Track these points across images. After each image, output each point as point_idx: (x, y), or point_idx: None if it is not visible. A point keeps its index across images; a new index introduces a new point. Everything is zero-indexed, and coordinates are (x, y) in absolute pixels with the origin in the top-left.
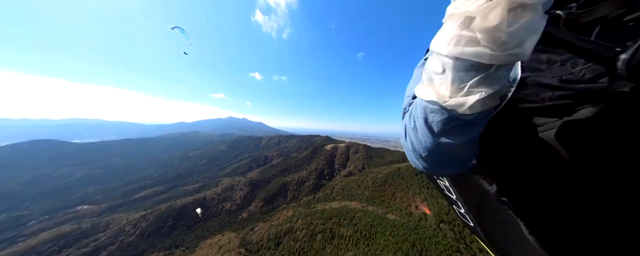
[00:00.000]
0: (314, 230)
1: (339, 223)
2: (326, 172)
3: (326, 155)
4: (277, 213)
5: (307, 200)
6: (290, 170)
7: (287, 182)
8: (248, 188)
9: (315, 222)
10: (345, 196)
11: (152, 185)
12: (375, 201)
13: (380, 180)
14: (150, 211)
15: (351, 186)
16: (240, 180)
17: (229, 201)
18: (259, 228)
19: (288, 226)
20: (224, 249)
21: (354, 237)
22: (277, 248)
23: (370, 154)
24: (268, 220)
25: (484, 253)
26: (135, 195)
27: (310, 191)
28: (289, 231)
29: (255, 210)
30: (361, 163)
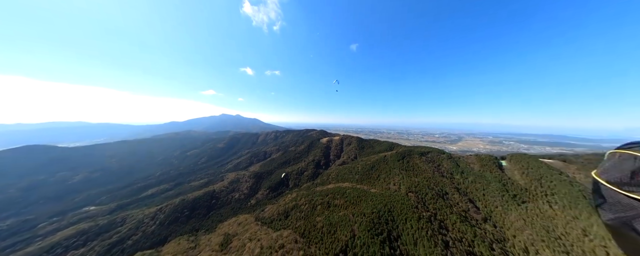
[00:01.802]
0: (314, 204)
1: (334, 197)
2: (322, 162)
3: (322, 148)
4: (282, 198)
5: (307, 186)
6: (290, 162)
7: (288, 172)
8: (253, 180)
9: (316, 199)
10: (339, 180)
11: (157, 184)
12: (363, 181)
13: (369, 166)
14: (165, 205)
15: (344, 172)
16: (244, 173)
17: (237, 192)
18: (268, 209)
19: (293, 204)
20: (242, 225)
21: (345, 205)
22: (286, 218)
23: (362, 145)
24: (275, 203)
25: (439, 211)
26: (143, 194)
27: (309, 179)
28: (294, 207)
29: (262, 197)
30: (354, 154)
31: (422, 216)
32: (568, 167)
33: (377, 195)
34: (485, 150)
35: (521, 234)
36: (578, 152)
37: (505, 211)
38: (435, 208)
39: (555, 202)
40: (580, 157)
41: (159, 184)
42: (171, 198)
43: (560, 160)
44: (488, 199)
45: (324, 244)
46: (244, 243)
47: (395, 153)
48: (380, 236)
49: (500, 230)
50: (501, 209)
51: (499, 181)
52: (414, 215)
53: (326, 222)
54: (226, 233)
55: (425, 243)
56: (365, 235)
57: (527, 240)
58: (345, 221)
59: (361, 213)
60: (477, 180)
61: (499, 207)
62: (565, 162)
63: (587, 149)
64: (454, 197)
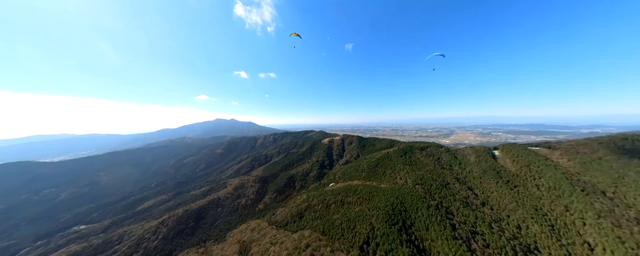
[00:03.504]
0: (328, 202)
1: (346, 195)
2: (326, 162)
3: (324, 148)
4: (291, 200)
5: (315, 186)
6: (294, 164)
7: (293, 175)
8: (258, 184)
9: (328, 198)
10: (346, 179)
11: (154, 195)
12: (371, 178)
13: (374, 163)
14: (167, 217)
15: (351, 171)
16: (248, 178)
17: (243, 198)
18: (279, 212)
19: (306, 205)
20: (255, 230)
21: (358, 201)
22: (300, 220)
23: (363, 143)
24: (285, 206)
25: (444, 199)
26: (139, 207)
27: (315, 179)
28: (307, 208)
29: (270, 201)
30: (356, 152)
31: (430, 204)
32: (552, 153)
33: (387, 190)
34: (477, 142)
35: (514, 214)
36: (560, 139)
37: (500, 195)
38: (440, 197)
39: (542, 185)
40: (562, 143)
41: (156, 195)
42: (172, 209)
43: (545, 147)
44: (485, 186)
45: (346, 238)
46: (266, 248)
47: (397, 150)
48: (397, 226)
49: (496, 211)
50: (496, 194)
51: (493, 169)
52: (423, 204)
53: (344, 218)
54: (240, 241)
55: (435, 227)
56: (384, 226)
57: (519, 218)
58: (363, 216)
59: (376, 207)
60: (474, 170)
61: (495, 193)
62: (550, 149)
63: (568, 136)
64: (455, 186)
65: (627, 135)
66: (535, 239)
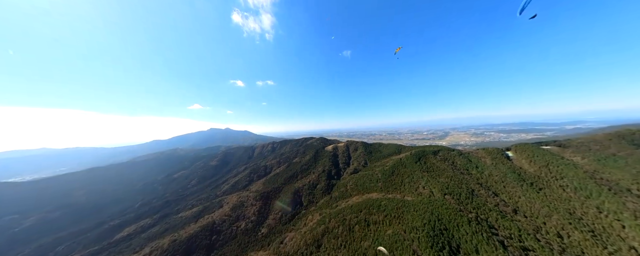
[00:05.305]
0: (350, 224)
1: (369, 213)
2: (334, 172)
3: (329, 156)
4: (300, 220)
5: (326, 201)
6: (298, 175)
7: (299, 188)
8: (260, 202)
9: (348, 217)
10: (361, 191)
11: (135, 219)
12: (389, 189)
13: (388, 171)
14: (149, 252)
15: (363, 180)
16: (247, 194)
17: (243, 220)
18: (289, 239)
19: (323, 228)
20: None
21: (386, 220)
22: (318, 250)
23: (369, 149)
24: (294, 229)
25: (478, 211)
26: (117, 235)
27: (324, 192)
28: (325, 232)
29: (275, 223)
30: (363, 159)
31: (470, 219)
32: (564, 151)
33: (417, 204)
34: (472, 142)
35: (550, 220)
36: (549, 135)
37: (529, 200)
38: (474, 208)
39: (567, 185)
40: (572, 140)
41: (138, 219)
42: (157, 239)
43: (556, 145)
44: (510, 190)
45: None
46: None
47: (410, 155)
48: (445, 251)
49: (530, 219)
50: (525, 199)
51: (513, 171)
52: (462, 219)
53: (378, 246)
54: None
55: (485, 247)
56: (429, 253)
57: (556, 225)
58: (400, 240)
59: (412, 227)
60: (493, 173)
61: (522, 197)
62: (561, 147)
63: (556, 133)
64: (481, 193)
65: (633, 130)
66: (581, 248)
